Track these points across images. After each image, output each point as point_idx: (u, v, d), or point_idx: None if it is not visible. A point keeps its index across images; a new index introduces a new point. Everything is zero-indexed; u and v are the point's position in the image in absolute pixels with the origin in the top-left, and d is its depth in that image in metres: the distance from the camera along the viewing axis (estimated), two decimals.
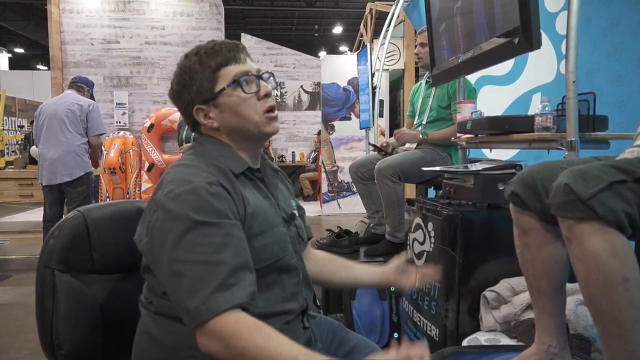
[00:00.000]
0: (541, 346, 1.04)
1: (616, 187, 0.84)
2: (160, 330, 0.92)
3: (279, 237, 0.98)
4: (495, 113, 2.68)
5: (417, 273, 1.20)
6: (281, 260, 0.97)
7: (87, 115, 3.66)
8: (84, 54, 6.86)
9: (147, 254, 0.91)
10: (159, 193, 0.89)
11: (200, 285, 0.81)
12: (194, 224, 0.84)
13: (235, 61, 0.98)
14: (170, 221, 0.85)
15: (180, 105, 1.02)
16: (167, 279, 0.85)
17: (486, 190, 1.58)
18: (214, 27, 7.05)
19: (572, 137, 1.41)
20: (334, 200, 7.18)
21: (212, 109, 0.98)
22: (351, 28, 14.79)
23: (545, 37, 2.15)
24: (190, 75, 0.98)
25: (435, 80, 2.33)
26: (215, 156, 0.96)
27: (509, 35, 1.52)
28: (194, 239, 0.83)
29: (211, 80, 0.97)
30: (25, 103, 11.59)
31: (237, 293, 0.82)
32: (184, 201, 0.85)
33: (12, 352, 2.45)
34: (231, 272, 0.83)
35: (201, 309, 0.80)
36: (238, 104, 0.97)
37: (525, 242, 1.05)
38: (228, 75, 0.97)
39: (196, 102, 0.98)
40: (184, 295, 0.81)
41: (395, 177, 2.44)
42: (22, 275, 3.89)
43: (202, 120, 0.99)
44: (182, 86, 0.99)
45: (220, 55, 0.97)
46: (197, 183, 0.87)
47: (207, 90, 0.97)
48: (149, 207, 0.91)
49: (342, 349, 1.16)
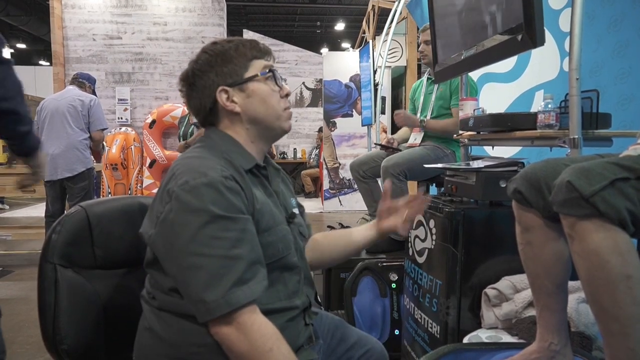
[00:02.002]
0: (543, 344, 1.04)
1: (619, 184, 0.84)
2: (163, 326, 0.92)
3: (284, 235, 0.99)
4: (498, 110, 2.68)
5: (405, 208, 1.25)
6: (285, 258, 0.98)
7: (89, 111, 3.69)
8: (86, 49, 6.86)
9: (156, 245, 0.90)
10: (171, 184, 0.89)
11: (218, 279, 0.82)
12: (212, 218, 0.84)
13: (266, 60, 1.04)
14: (187, 213, 0.85)
15: (199, 86, 1.00)
16: (179, 271, 0.85)
17: (488, 187, 1.57)
18: (216, 23, 7.04)
19: (575, 135, 1.40)
20: (335, 197, 7.18)
21: (238, 92, 1.00)
22: (353, 25, 14.75)
23: (548, 34, 2.14)
24: (223, 57, 1.00)
25: (437, 77, 2.32)
26: (225, 150, 0.97)
27: (512, 32, 1.52)
28: (212, 232, 0.84)
29: (244, 66, 1.01)
30: (27, 99, 11.57)
31: (253, 287, 0.85)
32: (202, 194, 0.85)
33: (15, 347, 2.46)
34: (248, 267, 0.85)
35: (220, 302, 0.82)
36: (268, 93, 1.01)
37: (527, 239, 1.05)
38: (260, 66, 1.02)
39: (222, 84, 0.99)
40: (200, 287, 0.83)
41: (402, 175, 2.46)
42: (24, 270, 3.90)
43: (224, 102, 0.99)
44: (209, 66, 1.00)
45: (256, 49, 1.02)
46: (213, 176, 0.87)
47: (237, 74, 1.00)
48: (160, 199, 0.90)
49: (343, 345, 1.16)
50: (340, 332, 1.18)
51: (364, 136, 6.22)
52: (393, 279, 2.20)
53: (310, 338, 1.02)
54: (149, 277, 0.97)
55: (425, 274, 1.74)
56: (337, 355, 1.16)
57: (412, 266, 1.86)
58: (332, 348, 1.15)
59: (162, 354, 0.92)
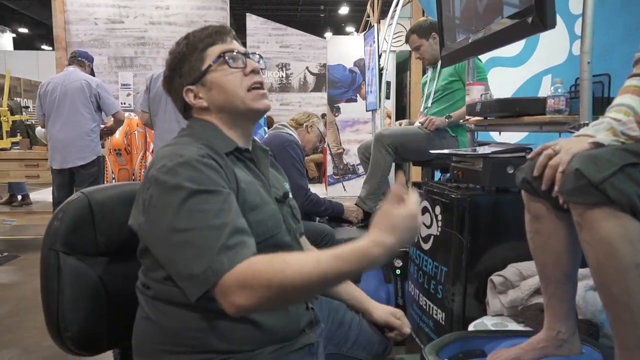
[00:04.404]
0: (550, 332, 1.03)
1: (628, 170, 0.82)
2: (160, 315, 0.91)
3: (272, 214, 0.98)
4: (504, 95, 2.64)
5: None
6: (275, 237, 0.97)
7: (97, 96, 3.64)
8: (88, 33, 6.80)
9: (145, 233, 0.89)
10: (151, 170, 0.89)
11: (205, 250, 0.80)
12: (191, 193, 0.84)
13: (221, 42, 1.01)
14: (166, 193, 0.85)
15: (173, 92, 1.04)
16: (167, 252, 0.84)
17: (495, 173, 1.55)
18: (218, 6, 6.96)
19: (586, 120, 1.37)
20: (339, 182, 7.16)
21: (201, 88, 1.00)
22: (357, 9, 14.57)
23: (558, 17, 2.09)
24: (179, 58, 1.01)
25: (444, 61, 2.29)
26: (204, 137, 0.97)
27: (522, 14, 1.48)
28: (193, 206, 0.83)
29: (199, 60, 1.00)
30: (30, 84, 11.56)
31: (240, 252, 0.81)
32: (178, 173, 0.85)
33: (21, 331, 2.49)
34: (233, 233, 0.82)
35: (208, 273, 0.79)
36: (224, 79, 0.99)
37: (536, 228, 1.03)
38: (214, 54, 1.00)
39: (185, 84, 1.00)
40: (189, 262, 0.81)
41: (391, 147, 2.46)
42: (29, 256, 3.92)
43: (191, 101, 1.01)
44: (172, 70, 1.02)
45: (207, 37, 1.01)
46: (188, 156, 0.88)
47: (195, 70, 1.00)
48: (143, 187, 0.91)
49: (342, 328, 1.18)
50: (339, 316, 1.19)
51: (368, 121, 6.17)
52: (397, 265, 2.19)
53: (311, 322, 1.02)
54: (143, 268, 0.96)
55: (430, 261, 1.73)
56: (337, 339, 1.16)
57: (417, 253, 1.85)
58: (332, 332, 1.15)
59: (160, 342, 0.91)
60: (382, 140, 2.46)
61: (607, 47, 2.08)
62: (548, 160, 0.93)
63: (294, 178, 2.31)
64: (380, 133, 2.49)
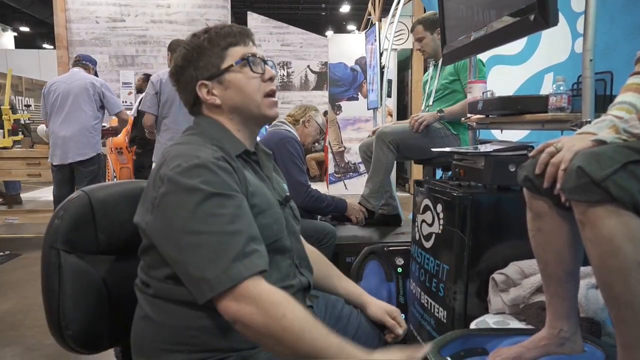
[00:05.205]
0: (552, 330, 1.03)
1: (631, 167, 0.82)
2: (160, 313, 0.91)
3: (277, 217, 0.99)
4: (506, 93, 2.63)
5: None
6: (278, 241, 0.98)
7: (101, 95, 3.68)
8: (89, 32, 6.81)
9: (153, 231, 0.89)
10: (163, 169, 0.89)
11: (219, 255, 0.81)
12: (207, 196, 0.84)
13: (244, 43, 1.02)
14: (181, 194, 0.85)
15: (182, 82, 1.03)
16: (178, 252, 0.84)
17: (497, 171, 1.55)
18: (219, 5, 6.96)
19: (588, 118, 1.37)
20: (340, 181, 7.16)
21: (217, 85, 1.00)
22: (359, 7, 14.53)
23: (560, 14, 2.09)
24: (198, 51, 1.00)
25: (446, 59, 2.28)
26: (214, 137, 0.97)
27: (524, 12, 1.47)
28: (208, 210, 0.84)
29: (219, 57, 1.00)
30: (32, 82, 11.56)
31: (256, 261, 0.84)
32: (195, 174, 0.85)
33: (23, 329, 2.49)
34: (247, 242, 0.84)
35: (222, 278, 0.80)
36: (244, 81, 0.99)
37: (538, 226, 1.03)
38: (236, 54, 1.00)
39: (200, 78, 0.99)
40: (201, 265, 0.82)
41: (393, 144, 2.46)
42: (31, 254, 3.93)
43: (204, 96, 1.00)
44: (187, 62, 1.01)
45: (230, 36, 1.01)
46: (204, 158, 0.88)
47: (213, 66, 0.99)
48: (152, 185, 0.90)
49: (340, 323, 1.17)
50: (337, 310, 1.19)
51: (370, 120, 6.16)
52: (399, 263, 2.19)
53: None
54: (142, 266, 0.96)
55: (432, 259, 1.73)
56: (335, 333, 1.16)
57: (419, 251, 1.84)
58: (330, 326, 1.15)
59: (160, 341, 0.91)
60: (383, 138, 2.46)
61: (609, 44, 2.07)
62: (550, 158, 0.93)
63: (293, 174, 2.31)
64: (381, 130, 2.49)
